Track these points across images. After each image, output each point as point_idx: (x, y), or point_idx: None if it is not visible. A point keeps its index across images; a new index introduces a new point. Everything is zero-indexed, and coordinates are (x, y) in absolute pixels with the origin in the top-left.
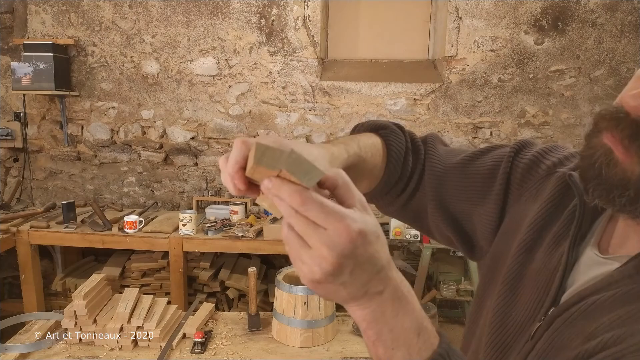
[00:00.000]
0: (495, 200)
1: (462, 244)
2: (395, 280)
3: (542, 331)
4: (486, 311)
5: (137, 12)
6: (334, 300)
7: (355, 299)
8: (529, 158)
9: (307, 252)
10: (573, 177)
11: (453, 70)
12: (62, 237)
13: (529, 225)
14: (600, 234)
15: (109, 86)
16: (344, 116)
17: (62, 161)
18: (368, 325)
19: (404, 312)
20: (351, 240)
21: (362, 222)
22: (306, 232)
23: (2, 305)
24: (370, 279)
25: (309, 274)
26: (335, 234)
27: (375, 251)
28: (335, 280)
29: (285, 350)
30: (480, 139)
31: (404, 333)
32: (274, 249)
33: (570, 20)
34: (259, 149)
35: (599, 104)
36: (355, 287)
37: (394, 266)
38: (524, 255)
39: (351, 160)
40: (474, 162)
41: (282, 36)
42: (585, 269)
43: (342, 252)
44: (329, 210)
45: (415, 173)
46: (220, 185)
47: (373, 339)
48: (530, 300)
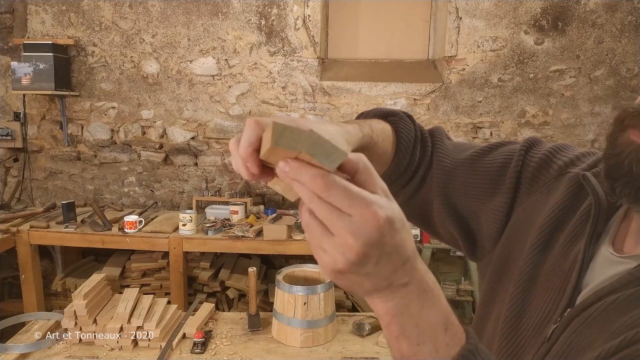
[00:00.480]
0: (504, 198)
1: (466, 242)
2: (420, 272)
3: (558, 333)
4: (495, 314)
5: (137, 12)
6: (356, 292)
7: (378, 290)
8: (539, 157)
9: (329, 240)
10: (587, 178)
11: (453, 70)
12: (62, 237)
13: (542, 226)
14: (614, 233)
15: (109, 86)
16: (344, 116)
17: (62, 161)
18: (392, 319)
19: (430, 305)
20: (378, 227)
21: (389, 209)
22: (329, 219)
23: (2, 305)
24: (396, 270)
25: (332, 264)
26: (361, 220)
27: (402, 240)
28: (359, 270)
29: (285, 350)
30: (480, 139)
31: (430, 328)
32: (274, 249)
33: (570, 20)
34: (276, 129)
35: (599, 104)
36: (379, 278)
37: (419, 257)
38: (536, 257)
39: (365, 141)
40: (483, 158)
41: (282, 36)
42: (600, 269)
43: (369, 240)
44: (354, 196)
45: (422, 165)
46: (220, 185)
47: (396, 334)
48: (544, 301)
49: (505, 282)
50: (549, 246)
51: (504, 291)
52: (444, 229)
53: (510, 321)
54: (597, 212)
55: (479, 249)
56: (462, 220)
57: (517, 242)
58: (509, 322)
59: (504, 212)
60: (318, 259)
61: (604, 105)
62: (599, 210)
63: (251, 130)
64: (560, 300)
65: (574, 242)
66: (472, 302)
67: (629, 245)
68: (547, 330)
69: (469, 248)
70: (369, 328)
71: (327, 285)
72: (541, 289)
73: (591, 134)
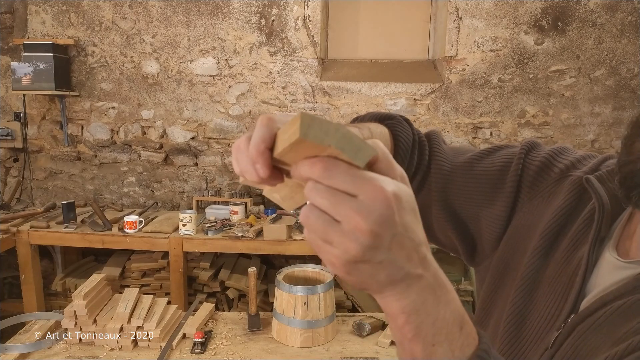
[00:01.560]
0: (504, 202)
1: (465, 247)
2: (434, 264)
3: (562, 339)
4: (495, 319)
5: (137, 12)
6: (370, 287)
7: (393, 282)
8: (540, 160)
9: (336, 228)
10: (590, 181)
11: (453, 71)
12: (62, 237)
13: (544, 231)
14: (617, 237)
15: (109, 86)
16: (344, 116)
17: (62, 161)
18: (407, 318)
19: (446, 301)
20: (388, 203)
21: (395, 186)
22: (334, 204)
23: (2, 305)
24: (410, 258)
25: (343, 255)
26: (369, 198)
27: (411, 222)
28: (373, 257)
29: (285, 350)
30: (480, 139)
31: (446, 326)
32: (274, 249)
33: (570, 21)
34: (304, 120)
35: (599, 104)
36: (394, 266)
37: (430, 250)
38: (539, 261)
39: None
40: (481, 161)
41: (282, 36)
42: (605, 274)
43: (379, 218)
44: (357, 174)
45: (420, 169)
46: (220, 185)
47: (410, 335)
48: (547, 307)
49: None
50: (552, 251)
51: (505, 296)
52: (443, 234)
53: (512, 327)
54: (601, 217)
55: (478, 253)
56: (462, 225)
57: (518, 247)
58: (511, 327)
59: (504, 216)
60: (324, 254)
61: (604, 105)
62: (602, 215)
63: (265, 127)
64: (563, 305)
65: (578, 246)
66: (472, 302)
67: (634, 250)
68: (550, 336)
69: (468, 253)
70: (369, 328)
71: (327, 285)
72: (544, 294)
73: (591, 134)
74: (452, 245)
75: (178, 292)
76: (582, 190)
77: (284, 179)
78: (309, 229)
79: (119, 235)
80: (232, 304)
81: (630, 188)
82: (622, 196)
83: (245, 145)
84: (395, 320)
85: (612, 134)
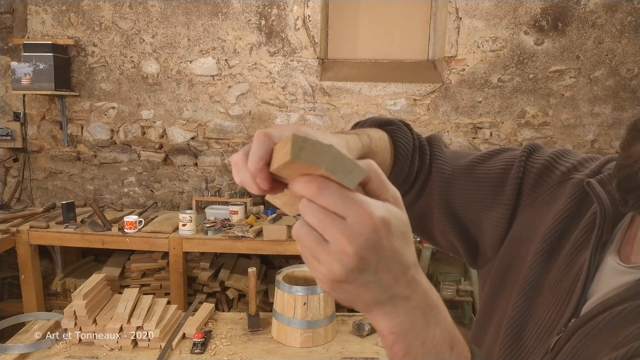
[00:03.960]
0: (506, 205)
1: (467, 250)
2: (423, 286)
3: (562, 343)
4: (496, 322)
5: (137, 12)
6: (355, 305)
7: (380, 304)
8: (541, 163)
9: (324, 248)
10: (592, 184)
11: (453, 71)
12: (62, 237)
13: (546, 235)
14: (619, 242)
15: (108, 86)
16: (343, 116)
17: (62, 161)
18: (396, 338)
19: (436, 322)
20: (374, 228)
21: (385, 211)
22: (323, 223)
23: (2, 305)
24: (397, 280)
25: (328, 274)
26: (355, 221)
27: (401, 247)
28: (357, 278)
29: (285, 350)
30: (480, 139)
31: (436, 346)
32: (274, 249)
33: (570, 21)
34: (296, 142)
35: (598, 104)
36: (380, 288)
37: (422, 271)
38: (541, 266)
39: (364, 152)
40: (483, 164)
41: (282, 36)
42: (607, 279)
43: (365, 243)
44: (348, 196)
45: (421, 173)
46: (220, 185)
47: (401, 354)
48: (548, 311)
49: (506, 290)
50: (554, 255)
51: (506, 299)
52: (444, 238)
53: (513, 330)
54: (603, 221)
55: (480, 256)
56: (463, 228)
57: (520, 250)
58: (511, 331)
59: (505, 219)
60: (314, 271)
61: (603, 105)
62: (604, 219)
63: (261, 144)
64: (564, 310)
65: (580, 251)
66: (472, 303)
67: (636, 255)
68: (550, 340)
69: (470, 256)
70: (369, 328)
71: None
72: (545, 298)
73: (591, 135)
74: (454, 248)
75: (178, 292)
76: (584, 193)
77: (283, 189)
78: (299, 243)
79: (118, 235)
80: (232, 304)
81: (627, 191)
82: (620, 199)
83: (243, 162)
84: (385, 339)
85: (612, 134)
